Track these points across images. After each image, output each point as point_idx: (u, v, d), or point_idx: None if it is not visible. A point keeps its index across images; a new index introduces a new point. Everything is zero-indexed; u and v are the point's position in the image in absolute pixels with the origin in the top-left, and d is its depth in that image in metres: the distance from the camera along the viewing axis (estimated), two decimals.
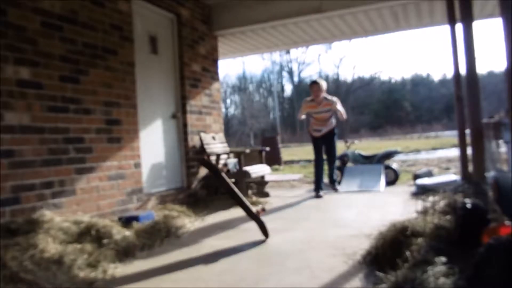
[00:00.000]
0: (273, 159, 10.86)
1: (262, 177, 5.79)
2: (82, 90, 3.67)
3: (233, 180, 5.48)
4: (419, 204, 3.05)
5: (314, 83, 5.67)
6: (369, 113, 38.57)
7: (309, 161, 13.03)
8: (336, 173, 6.34)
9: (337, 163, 7.06)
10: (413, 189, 5.34)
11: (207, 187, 5.52)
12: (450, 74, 36.78)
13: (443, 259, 1.90)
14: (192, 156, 5.38)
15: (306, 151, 17.89)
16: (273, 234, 3.47)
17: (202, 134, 5.57)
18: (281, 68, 39.35)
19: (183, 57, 5.33)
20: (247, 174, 5.16)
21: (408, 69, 71.81)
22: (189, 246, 3.21)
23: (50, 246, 2.61)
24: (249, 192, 5.51)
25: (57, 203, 3.32)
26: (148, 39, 4.87)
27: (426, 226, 2.37)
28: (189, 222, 3.92)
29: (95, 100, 3.81)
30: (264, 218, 4.11)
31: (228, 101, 38.92)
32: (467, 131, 4.58)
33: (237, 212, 4.62)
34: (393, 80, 44.35)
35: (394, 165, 6.60)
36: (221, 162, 5.49)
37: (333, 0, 5.46)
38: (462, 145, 5.04)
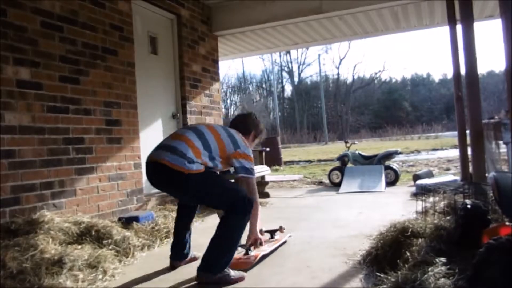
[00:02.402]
0: (274, 160, 10.85)
1: (262, 177, 5.79)
2: (82, 91, 3.67)
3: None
4: (419, 205, 3.05)
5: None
6: (369, 114, 38.56)
7: (310, 161, 13.05)
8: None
9: (337, 163, 7.09)
10: (413, 189, 5.34)
11: None
12: (450, 74, 36.77)
13: (443, 259, 1.90)
14: None
15: (306, 152, 17.91)
16: None
17: None
18: (281, 68, 39.34)
19: (183, 58, 5.33)
20: None
21: (408, 69, 71.83)
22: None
23: (50, 246, 2.61)
24: None
25: (57, 204, 3.32)
26: (148, 39, 4.87)
27: (426, 227, 2.37)
28: None
29: (95, 101, 3.81)
30: (263, 219, 4.11)
31: (228, 101, 38.93)
32: (467, 132, 4.58)
33: None
34: (393, 80, 44.35)
35: (395, 166, 6.60)
36: None
37: (333, 0, 5.45)
38: (462, 146, 5.04)
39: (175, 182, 2.39)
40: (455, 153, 10.19)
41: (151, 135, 4.80)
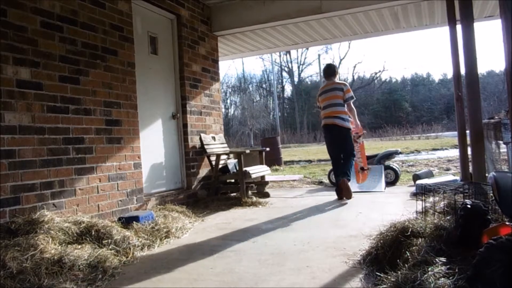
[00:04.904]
0: (274, 160, 10.86)
1: (262, 177, 5.79)
2: (82, 91, 3.67)
3: (233, 180, 5.51)
4: (419, 205, 3.05)
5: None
6: (369, 114, 38.54)
7: (309, 161, 13.05)
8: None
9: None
10: (413, 189, 5.34)
11: (207, 187, 5.53)
12: (450, 74, 36.71)
13: (443, 259, 1.90)
14: (192, 156, 5.38)
15: (306, 152, 17.90)
16: (273, 234, 3.47)
17: (202, 135, 5.57)
18: (281, 68, 39.35)
19: (183, 58, 5.33)
20: (247, 174, 5.16)
21: (408, 69, 71.73)
22: (189, 247, 3.21)
23: (50, 246, 2.61)
24: (249, 192, 5.51)
25: (57, 204, 3.32)
26: (148, 39, 4.87)
27: (426, 227, 2.37)
28: (189, 223, 3.92)
29: (95, 101, 3.81)
30: (263, 218, 4.12)
31: (228, 101, 38.91)
32: (467, 132, 4.58)
33: (237, 212, 4.62)
34: (393, 80, 44.32)
35: (395, 166, 6.60)
36: (221, 162, 5.49)
37: (333, 0, 5.46)
38: (462, 146, 5.05)
39: None
40: (455, 153, 10.19)
41: (151, 135, 4.80)
